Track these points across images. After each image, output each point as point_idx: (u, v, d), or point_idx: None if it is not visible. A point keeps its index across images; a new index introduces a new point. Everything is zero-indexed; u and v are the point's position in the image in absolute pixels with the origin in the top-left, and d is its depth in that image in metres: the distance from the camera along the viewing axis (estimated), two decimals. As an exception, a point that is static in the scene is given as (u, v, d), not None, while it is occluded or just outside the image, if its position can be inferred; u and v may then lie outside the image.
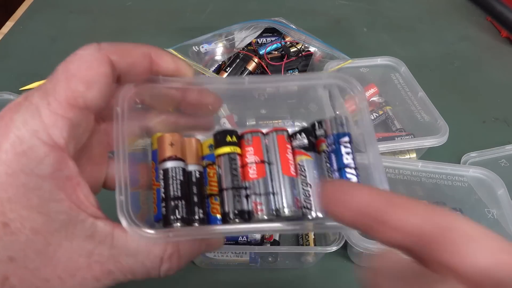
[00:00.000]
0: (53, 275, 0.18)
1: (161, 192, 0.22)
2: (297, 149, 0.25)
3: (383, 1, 0.79)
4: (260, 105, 0.53)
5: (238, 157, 0.24)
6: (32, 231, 0.18)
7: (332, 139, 0.24)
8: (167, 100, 0.24)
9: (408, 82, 0.52)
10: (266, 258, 0.38)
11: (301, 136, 0.25)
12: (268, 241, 0.39)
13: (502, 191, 0.40)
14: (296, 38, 0.55)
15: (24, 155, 0.17)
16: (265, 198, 0.23)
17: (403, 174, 0.42)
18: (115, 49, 0.20)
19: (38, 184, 0.18)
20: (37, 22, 0.70)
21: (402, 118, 0.52)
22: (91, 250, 0.19)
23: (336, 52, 0.53)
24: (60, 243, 0.18)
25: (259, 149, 0.24)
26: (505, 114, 0.56)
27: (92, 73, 0.19)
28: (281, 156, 0.24)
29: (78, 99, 0.19)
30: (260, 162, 0.24)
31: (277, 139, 0.25)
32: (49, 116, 0.18)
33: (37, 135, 0.18)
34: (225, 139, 0.24)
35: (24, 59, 0.62)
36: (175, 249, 0.20)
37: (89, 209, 0.19)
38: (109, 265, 0.19)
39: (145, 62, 0.21)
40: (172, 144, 0.23)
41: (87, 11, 0.74)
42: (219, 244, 0.23)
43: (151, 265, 0.20)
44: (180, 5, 0.76)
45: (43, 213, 0.18)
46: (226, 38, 0.55)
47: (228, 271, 0.39)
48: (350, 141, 0.24)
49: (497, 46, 0.68)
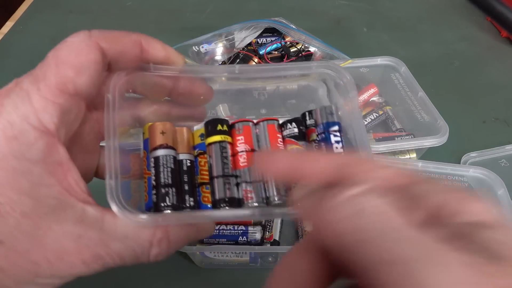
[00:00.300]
0: (41, 258, 0.18)
1: (152, 180, 0.22)
2: (288, 138, 0.25)
3: (383, 1, 0.79)
4: (260, 105, 0.53)
5: (228, 145, 0.24)
6: (22, 215, 0.18)
7: (321, 128, 0.24)
8: (158, 88, 0.24)
9: (408, 82, 0.52)
10: (266, 258, 0.38)
11: (292, 126, 0.25)
12: (268, 241, 0.39)
13: (502, 191, 0.40)
14: (296, 38, 0.55)
15: (15, 139, 0.18)
16: (256, 186, 0.23)
17: (403, 174, 0.42)
18: (105, 36, 0.20)
19: (28, 169, 0.18)
20: (37, 22, 0.70)
21: (402, 118, 0.52)
22: (80, 234, 0.19)
23: (336, 52, 0.53)
24: (50, 227, 0.18)
25: (250, 138, 0.24)
26: (505, 114, 0.56)
27: (82, 60, 0.19)
28: (271, 145, 0.24)
29: (68, 85, 0.19)
30: (250, 151, 0.24)
31: (267, 128, 0.25)
32: (39, 101, 0.18)
33: (27, 120, 0.18)
34: (216, 127, 0.24)
35: (24, 59, 0.62)
36: (164, 234, 0.20)
37: (79, 195, 0.19)
38: (98, 249, 0.19)
39: (135, 49, 0.22)
40: (163, 132, 0.23)
41: (87, 11, 0.74)
42: (209, 230, 0.23)
43: (140, 250, 0.20)
44: (180, 5, 0.76)
45: (33, 197, 0.18)
46: (226, 38, 0.55)
47: (228, 271, 0.39)
48: (339, 130, 0.24)
49: (497, 46, 0.68)
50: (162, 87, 0.24)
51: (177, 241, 0.21)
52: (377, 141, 0.47)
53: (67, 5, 0.75)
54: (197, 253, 0.37)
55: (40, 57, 0.21)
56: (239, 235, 0.38)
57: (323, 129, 0.24)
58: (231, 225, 0.39)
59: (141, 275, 0.38)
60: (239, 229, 0.38)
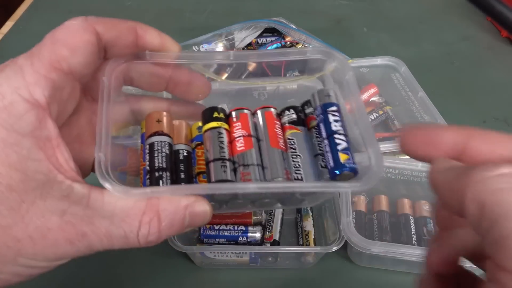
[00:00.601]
0: (24, 235, 0.18)
1: (146, 166, 0.22)
2: (286, 124, 0.25)
3: (383, 1, 0.79)
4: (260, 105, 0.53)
5: (225, 132, 0.24)
6: (8, 188, 0.17)
7: (319, 110, 0.24)
8: (155, 78, 0.24)
9: (408, 82, 0.52)
10: (266, 258, 0.38)
11: (290, 112, 0.25)
12: (268, 241, 0.39)
13: (502, 191, 0.39)
14: (296, 38, 0.55)
15: (5, 110, 0.18)
16: (253, 168, 0.22)
17: (403, 174, 0.42)
18: (101, 21, 0.21)
19: (17, 140, 0.18)
20: (37, 22, 0.70)
21: (402, 118, 0.52)
22: (65, 209, 0.18)
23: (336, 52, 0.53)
24: (34, 201, 0.18)
25: (247, 124, 0.24)
26: (505, 114, 0.56)
27: (77, 40, 0.20)
28: (269, 130, 0.24)
29: (61, 62, 0.19)
30: (247, 136, 0.24)
31: (265, 115, 0.25)
32: (32, 74, 0.18)
33: (18, 92, 0.18)
34: (213, 115, 0.24)
35: (24, 59, 0.62)
36: (154, 214, 0.19)
37: (68, 172, 0.19)
38: (82, 227, 0.18)
39: (130, 35, 0.22)
40: (159, 120, 0.24)
41: (87, 11, 0.73)
42: (204, 215, 0.21)
43: (128, 229, 0.19)
44: (180, 5, 0.76)
45: (20, 171, 0.18)
46: (226, 38, 0.55)
47: (228, 271, 0.39)
48: (338, 111, 0.23)
49: (497, 46, 0.68)
50: (159, 77, 0.24)
51: (169, 223, 0.20)
52: (377, 141, 0.47)
53: (67, 5, 0.75)
54: (197, 253, 0.37)
55: (40, 57, 0.21)
56: (239, 235, 0.38)
57: (321, 111, 0.24)
58: (231, 225, 0.39)
59: (141, 275, 0.38)
60: (239, 229, 0.38)
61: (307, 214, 0.41)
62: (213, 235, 0.38)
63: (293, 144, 0.24)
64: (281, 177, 0.22)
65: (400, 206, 0.41)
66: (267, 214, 0.41)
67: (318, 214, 0.42)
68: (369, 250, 0.35)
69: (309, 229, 0.40)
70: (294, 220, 0.42)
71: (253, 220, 0.40)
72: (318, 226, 0.41)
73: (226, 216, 0.40)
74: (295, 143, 0.24)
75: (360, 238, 0.35)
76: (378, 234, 0.39)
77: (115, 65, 0.22)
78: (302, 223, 0.41)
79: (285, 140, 0.24)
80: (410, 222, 0.40)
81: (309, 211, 0.41)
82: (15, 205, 0.18)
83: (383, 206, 0.41)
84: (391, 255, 0.35)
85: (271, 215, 0.41)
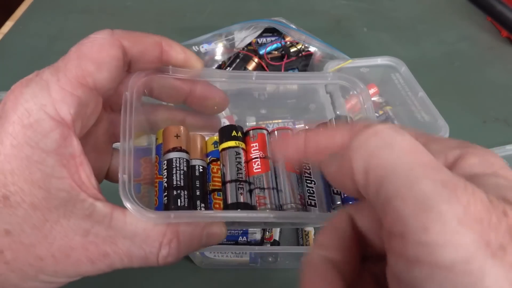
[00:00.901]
0: (47, 254, 0.18)
1: (164, 182, 0.22)
2: None
3: (383, 1, 0.79)
4: (260, 105, 0.53)
5: (242, 152, 0.24)
6: (31, 206, 0.18)
7: None
8: (176, 92, 0.24)
9: (408, 82, 0.52)
10: (266, 258, 0.38)
11: None
12: (268, 241, 0.39)
13: (502, 191, 0.39)
14: (296, 38, 0.55)
15: (31, 127, 0.18)
16: (269, 192, 0.23)
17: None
18: (128, 35, 0.21)
19: (41, 158, 0.18)
20: (37, 22, 0.70)
21: (402, 118, 0.52)
22: (88, 229, 0.18)
23: (336, 52, 0.53)
24: (57, 221, 0.18)
25: (264, 145, 0.24)
26: (505, 114, 0.56)
27: (103, 55, 0.20)
28: None
29: (87, 78, 0.19)
30: (264, 158, 0.24)
31: (281, 137, 0.25)
32: (58, 91, 0.18)
33: (44, 109, 0.18)
34: (231, 134, 0.24)
35: (24, 59, 0.62)
36: (174, 235, 0.20)
37: (90, 190, 0.19)
38: (105, 247, 0.19)
39: (156, 50, 0.22)
40: (177, 136, 0.24)
41: (87, 11, 0.74)
42: (220, 235, 0.22)
43: (149, 250, 0.19)
44: (180, 5, 0.76)
45: (43, 189, 0.18)
46: (226, 38, 0.55)
47: (228, 271, 0.39)
48: None
49: (497, 46, 0.68)
50: (179, 91, 0.24)
51: (187, 244, 0.20)
52: (377, 141, 0.47)
53: (67, 5, 0.75)
54: (197, 253, 0.37)
55: (40, 57, 0.21)
56: (239, 235, 0.38)
57: None
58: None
59: (141, 275, 0.38)
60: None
61: (307, 214, 0.41)
62: (213, 235, 0.38)
63: (308, 168, 0.24)
64: (296, 203, 0.22)
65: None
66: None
67: (318, 214, 0.42)
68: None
69: (309, 229, 0.40)
70: (294, 220, 0.42)
71: (253, 220, 0.40)
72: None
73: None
74: (310, 167, 0.24)
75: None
76: (378, 234, 0.39)
77: (137, 80, 0.22)
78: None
79: (300, 164, 0.24)
80: (410, 222, 0.40)
81: (309, 211, 0.41)
82: (38, 224, 0.18)
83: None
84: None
85: (271, 215, 0.41)
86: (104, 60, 0.20)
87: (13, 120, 0.18)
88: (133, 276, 0.38)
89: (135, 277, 0.38)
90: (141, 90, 0.23)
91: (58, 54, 0.20)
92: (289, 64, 0.55)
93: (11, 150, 0.17)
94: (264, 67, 0.54)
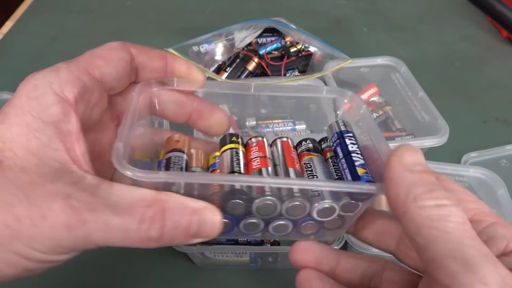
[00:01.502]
0: (25, 214, 0.18)
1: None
2: (303, 152, 0.25)
3: (383, 1, 0.79)
4: (260, 105, 0.53)
5: (241, 153, 0.24)
6: (21, 170, 0.18)
7: (336, 136, 0.24)
8: (179, 108, 0.26)
9: (408, 82, 0.52)
10: (266, 258, 0.38)
11: (306, 142, 0.26)
12: (268, 241, 0.39)
13: (503, 191, 0.39)
14: (296, 38, 0.55)
15: (35, 99, 0.19)
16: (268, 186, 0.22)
17: (403, 174, 0.42)
18: (136, 45, 0.23)
19: (40, 127, 0.19)
20: (37, 22, 0.70)
21: (402, 118, 0.52)
22: (70, 194, 0.18)
23: (336, 52, 0.53)
24: (43, 184, 0.18)
25: (263, 148, 0.25)
26: (505, 114, 0.56)
27: (111, 54, 0.22)
28: (285, 154, 0.25)
29: (95, 69, 0.21)
30: (264, 157, 0.24)
31: (281, 143, 0.26)
32: (66, 74, 0.20)
33: (51, 86, 0.20)
34: (231, 139, 0.25)
35: (24, 59, 0.62)
36: (159, 209, 0.19)
37: (83, 166, 0.20)
38: (84, 212, 0.18)
39: (161, 60, 0.24)
40: (178, 141, 0.25)
41: (87, 11, 0.74)
42: (213, 224, 0.20)
43: (129, 220, 0.18)
44: (180, 5, 0.76)
45: (37, 156, 0.19)
46: (226, 38, 0.55)
47: (228, 271, 0.39)
48: (354, 137, 0.24)
49: (497, 46, 0.68)
50: (183, 107, 0.26)
51: (174, 226, 0.19)
52: (377, 141, 0.47)
53: (67, 5, 0.75)
54: (197, 253, 0.37)
55: (40, 57, 0.21)
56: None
57: (338, 136, 0.24)
58: (231, 225, 0.38)
59: (141, 275, 0.38)
60: (239, 229, 0.38)
61: (307, 214, 0.41)
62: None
63: (309, 167, 0.24)
64: (299, 193, 0.22)
65: (400, 206, 0.41)
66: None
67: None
68: (369, 250, 0.35)
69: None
70: (294, 220, 0.42)
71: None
72: (318, 226, 0.41)
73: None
74: (312, 165, 0.24)
75: (360, 238, 0.35)
76: (378, 234, 0.39)
77: (144, 87, 0.24)
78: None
79: (302, 166, 0.25)
80: (410, 222, 0.40)
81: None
82: (23, 184, 0.18)
83: (383, 206, 0.41)
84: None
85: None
86: (112, 58, 0.22)
87: (20, 94, 0.20)
88: (133, 276, 0.38)
89: (135, 277, 0.38)
90: (147, 100, 0.24)
91: (58, 54, 0.20)
92: (289, 64, 0.55)
93: (14, 119, 0.19)
94: (264, 67, 0.54)
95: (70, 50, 0.20)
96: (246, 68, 0.54)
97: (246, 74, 0.54)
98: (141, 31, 0.69)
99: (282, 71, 0.54)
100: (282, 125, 0.50)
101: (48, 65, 0.21)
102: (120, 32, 0.68)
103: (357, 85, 0.55)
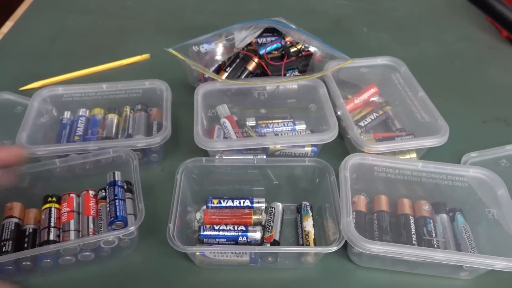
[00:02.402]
0: None
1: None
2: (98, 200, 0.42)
3: (383, 1, 0.79)
4: (260, 105, 0.53)
5: (55, 210, 0.39)
6: None
7: None
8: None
9: (408, 82, 0.52)
10: (266, 258, 0.38)
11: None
12: (268, 241, 0.39)
13: (502, 191, 0.39)
14: (296, 38, 0.55)
15: None
16: (69, 233, 0.37)
17: (403, 174, 0.42)
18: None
19: None
20: (37, 22, 0.70)
21: (402, 118, 0.52)
22: None
23: (336, 52, 0.53)
24: None
25: (71, 204, 0.40)
26: (505, 114, 0.56)
27: None
28: (85, 206, 0.40)
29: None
30: (70, 211, 0.39)
31: (84, 196, 0.40)
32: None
33: None
34: (47, 199, 0.40)
35: (24, 59, 0.62)
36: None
37: None
38: None
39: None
40: (10, 208, 0.39)
41: (87, 11, 0.74)
42: None
43: None
44: (180, 5, 0.76)
45: None
46: (226, 38, 0.55)
47: (228, 271, 0.39)
48: None
49: (497, 46, 0.68)
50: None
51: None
52: (377, 141, 0.47)
53: (67, 5, 0.75)
54: (197, 253, 0.37)
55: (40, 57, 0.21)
56: (239, 235, 0.38)
57: None
58: (231, 225, 0.39)
59: (141, 275, 0.38)
60: (239, 229, 0.38)
61: (307, 214, 0.41)
62: (213, 235, 0.38)
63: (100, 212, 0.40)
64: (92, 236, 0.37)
65: (400, 206, 0.41)
66: (267, 214, 0.41)
67: (318, 214, 0.42)
68: (369, 250, 0.35)
69: (309, 229, 0.40)
70: (294, 220, 0.42)
71: (253, 220, 0.40)
72: (318, 226, 0.41)
73: (226, 216, 0.40)
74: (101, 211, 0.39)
75: (360, 238, 0.35)
76: (378, 234, 0.39)
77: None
78: (302, 223, 0.41)
79: (97, 210, 0.40)
80: (410, 222, 0.40)
81: (309, 211, 0.41)
82: None
83: (383, 206, 0.41)
84: (391, 255, 0.35)
85: (271, 215, 0.41)
86: None
87: None
88: (133, 276, 0.38)
89: (135, 277, 0.38)
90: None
91: (58, 54, 0.20)
92: (289, 64, 0.55)
93: None
94: (264, 67, 0.54)
95: (70, 50, 0.20)
96: (246, 68, 0.54)
97: (246, 74, 0.54)
98: (141, 31, 0.69)
99: (282, 71, 0.54)
100: (282, 125, 0.50)
101: (48, 65, 0.20)
102: (120, 32, 0.68)
103: (357, 85, 0.55)
